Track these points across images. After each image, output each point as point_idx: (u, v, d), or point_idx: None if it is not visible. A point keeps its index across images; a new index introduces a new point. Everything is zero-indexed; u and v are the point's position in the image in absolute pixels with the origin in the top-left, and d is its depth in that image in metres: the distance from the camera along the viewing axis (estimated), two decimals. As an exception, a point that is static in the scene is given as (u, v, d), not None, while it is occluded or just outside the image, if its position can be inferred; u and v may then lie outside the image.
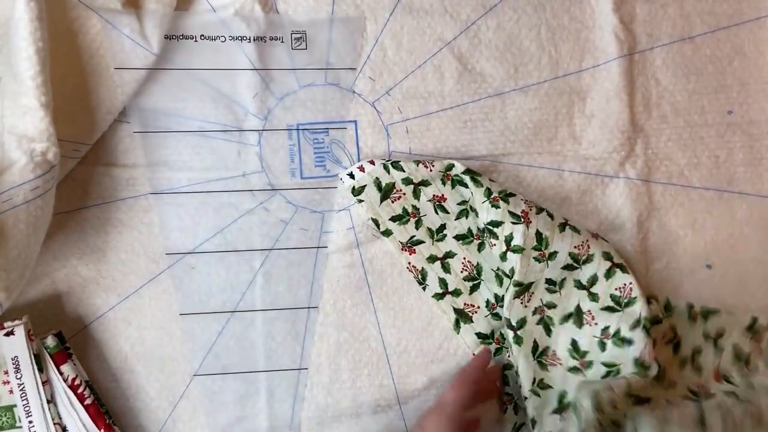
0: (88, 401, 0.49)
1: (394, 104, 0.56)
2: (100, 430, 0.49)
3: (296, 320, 0.55)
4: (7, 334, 0.48)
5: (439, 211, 0.55)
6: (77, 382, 0.49)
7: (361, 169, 0.54)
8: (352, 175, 0.55)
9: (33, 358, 0.48)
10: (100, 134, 0.51)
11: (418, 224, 0.55)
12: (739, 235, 0.58)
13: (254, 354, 0.54)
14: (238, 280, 0.54)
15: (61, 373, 0.49)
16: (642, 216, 0.57)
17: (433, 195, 0.55)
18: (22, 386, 0.48)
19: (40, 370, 0.48)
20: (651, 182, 0.57)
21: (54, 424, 0.48)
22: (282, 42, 0.54)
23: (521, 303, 0.53)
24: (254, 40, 0.53)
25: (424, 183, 0.55)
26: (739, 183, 0.58)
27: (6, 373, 0.48)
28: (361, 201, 0.54)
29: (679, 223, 0.57)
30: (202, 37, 0.53)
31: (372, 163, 0.54)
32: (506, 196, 0.53)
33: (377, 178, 0.54)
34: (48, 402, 0.48)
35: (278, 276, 0.55)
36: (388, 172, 0.54)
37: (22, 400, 0.48)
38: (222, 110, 0.54)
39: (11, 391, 0.48)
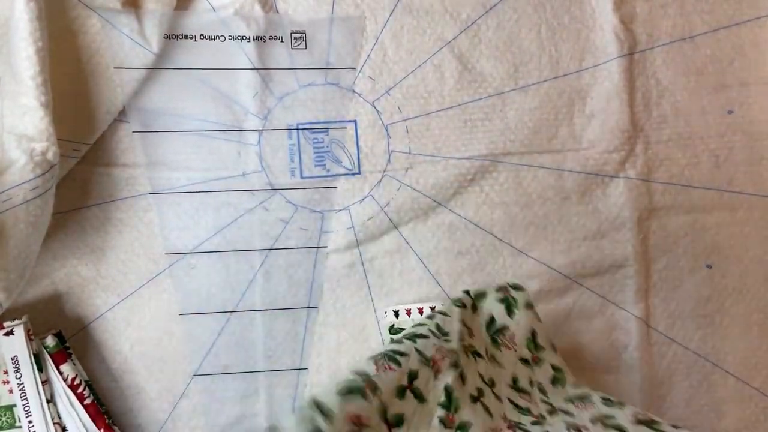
0: (87, 401, 0.49)
1: (394, 104, 0.56)
2: (99, 429, 0.49)
3: (296, 320, 0.55)
4: (7, 334, 0.48)
5: None
6: (77, 381, 0.49)
7: (408, 312, 0.54)
8: (396, 313, 0.54)
9: (33, 357, 0.48)
10: (99, 134, 0.51)
11: None
12: (739, 235, 0.58)
13: (254, 354, 0.54)
14: (237, 279, 0.54)
15: (60, 373, 0.49)
16: (642, 216, 0.57)
17: None
18: (21, 386, 0.48)
19: (40, 369, 0.48)
20: (651, 182, 0.57)
21: (54, 423, 0.48)
22: (282, 42, 0.54)
23: None
24: (254, 39, 0.53)
25: None
26: (739, 183, 0.58)
27: (6, 372, 0.48)
28: (392, 336, 0.53)
29: (679, 223, 0.57)
30: (202, 37, 0.53)
31: (420, 312, 0.54)
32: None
33: None
34: (48, 402, 0.48)
35: (278, 276, 0.55)
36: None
37: (22, 400, 0.48)
38: (222, 110, 0.54)
39: (11, 391, 0.48)
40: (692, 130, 0.58)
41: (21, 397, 0.47)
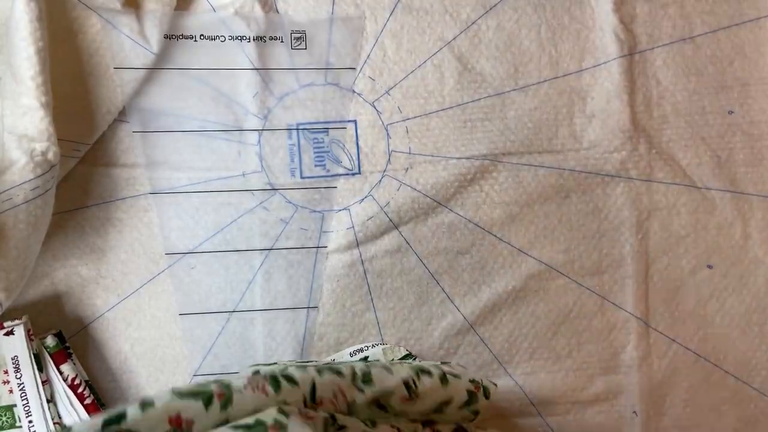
0: (87, 401, 0.50)
1: (393, 104, 0.56)
2: (99, 429, 0.49)
3: (296, 320, 0.55)
4: (7, 334, 0.48)
5: None
6: (77, 381, 0.49)
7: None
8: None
9: (33, 357, 0.48)
10: (100, 134, 0.52)
11: None
12: (741, 235, 0.58)
13: (254, 354, 0.54)
14: (237, 279, 0.54)
15: (60, 373, 0.49)
16: (642, 216, 0.57)
17: None
18: (21, 386, 0.48)
19: (40, 369, 0.48)
20: (652, 182, 0.57)
21: (54, 423, 0.48)
22: (282, 42, 0.54)
23: None
24: (254, 39, 0.54)
25: None
26: (740, 183, 0.58)
27: (6, 372, 0.48)
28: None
29: (680, 223, 0.57)
30: (202, 37, 0.53)
31: None
32: None
33: None
34: (48, 401, 0.48)
35: (278, 276, 0.55)
36: None
37: (22, 400, 0.48)
38: (222, 110, 0.54)
39: (11, 391, 0.48)
40: (693, 131, 0.58)
41: (21, 397, 0.47)
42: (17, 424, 0.48)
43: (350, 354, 0.54)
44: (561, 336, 0.57)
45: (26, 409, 0.48)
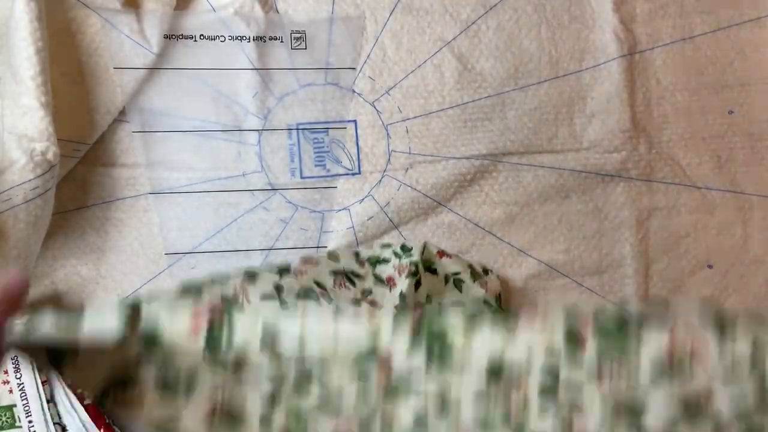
0: (87, 401, 0.49)
1: (393, 104, 0.56)
2: (99, 430, 0.49)
3: (296, 320, 0.55)
4: (7, 334, 0.48)
5: None
6: (77, 381, 0.49)
7: None
8: None
9: (33, 357, 0.48)
10: (99, 134, 0.52)
11: None
12: (741, 235, 0.58)
13: (254, 354, 0.54)
14: (237, 279, 0.54)
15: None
16: (642, 216, 0.57)
17: None
18: (21, 386, 0.48)
19: (40, 369, 0.48)
20: (652, 182, 0.57)
21: (54, 424, 0.48)
22: (282, 42, 0.54)
23: None
24: (254, 39, 0.54)
25: None
26: (740, 183, 0.58)
27: (6, 372, 0.48)
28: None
29: (680, 223, 0.57)
30: (202, 37, 0.53)
31: None
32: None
33: None
34: (48, 402, 0.48)
35: (278, 276, 0.55)
36: None
37: (22, 400, 0.48)
38: (222, 110, 0.54)
39: (11, 391, 0.48)
40: (693, 131, 0.58)
41: (21, 397, 0.47)
42: (17, 424, 0.48)
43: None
44: (561, 336, 0.57)
45: (26, 409, 0.48)
